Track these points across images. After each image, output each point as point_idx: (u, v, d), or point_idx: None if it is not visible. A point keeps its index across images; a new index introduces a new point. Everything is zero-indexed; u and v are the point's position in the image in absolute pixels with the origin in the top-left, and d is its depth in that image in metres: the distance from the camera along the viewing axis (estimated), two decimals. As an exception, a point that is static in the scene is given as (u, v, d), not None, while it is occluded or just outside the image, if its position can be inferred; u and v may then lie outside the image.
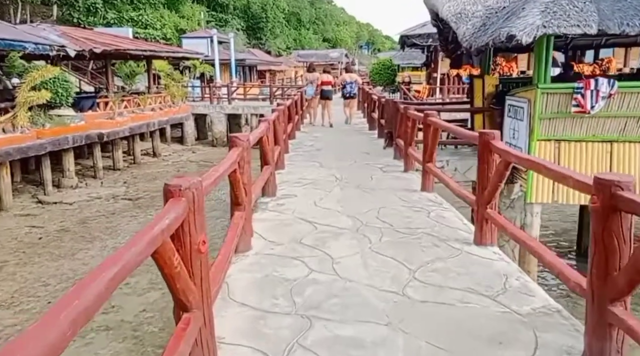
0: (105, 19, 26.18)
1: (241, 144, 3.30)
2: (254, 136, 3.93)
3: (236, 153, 3.15)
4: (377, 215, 4.33)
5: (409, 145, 5.96)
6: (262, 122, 5.01)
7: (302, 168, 6.72)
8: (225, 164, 2.80)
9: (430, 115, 4.77)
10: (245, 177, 3.35)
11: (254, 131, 4.28)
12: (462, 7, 6.49)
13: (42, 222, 11.19)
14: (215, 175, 2.42)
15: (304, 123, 12.46)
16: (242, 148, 3.28)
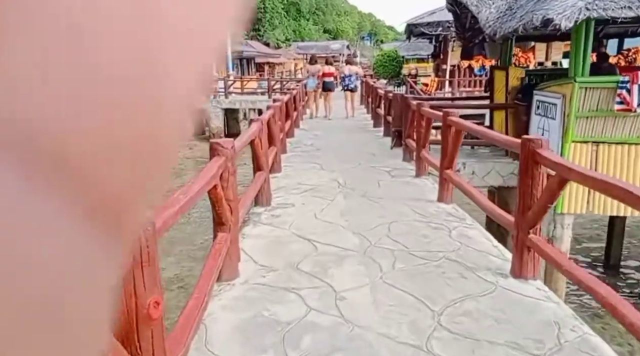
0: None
1: (224, 153, 2.71)
2: (241, 141, 3.33)
3: (217, 164, 2.56)
4: (387, 232, 3.75)
5: (422, 147, 5.35)
6: (254, 122, 4.41)
7: (300, 171, 6.13)
8: (201, 180, 2.22)
9: (450, 114, 4.16)
10: (230, 192, 2.77)
11: (243, 134, 3.69)
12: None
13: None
14: (183, 200, 1.83)
15: (304, 119, 11.85)
16: (225, 158, 2.69)
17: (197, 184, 2.12)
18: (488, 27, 5.60)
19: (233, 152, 2.80)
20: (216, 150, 2.71)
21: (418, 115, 5.41)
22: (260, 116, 4.65)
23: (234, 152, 2.82)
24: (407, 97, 6.18)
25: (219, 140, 2.75)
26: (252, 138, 3.99)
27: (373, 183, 5.35)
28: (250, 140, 4.05)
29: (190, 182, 2.16)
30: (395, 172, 5.88)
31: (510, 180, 6.36)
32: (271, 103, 6.48)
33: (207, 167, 2.47)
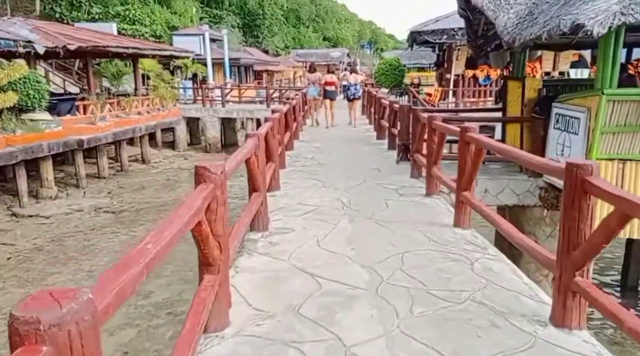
0: (90, 13, 25.28)
1: (212, 179, 2.30)
2: (234, 162, 2.92)
3: (203, 194, 2.15)
4: (400, 264, 3.33)
5: (434, 164, 4.96)
6: (249, 137, 4.02)
7: (301, 189, 5.72)
8: (180, 219, 1.80)
9: (469, 129, 3.77)
10: (219, 226, 2.35)
11: (237, 152, 3.28)
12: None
13: (13, 239, 10.25)
14: (150, 253, 1.41)
15: (304, 129, 11.49)
16: (213, 186, 2.28)
17: (174, 225, 1.70)
18: (506, 34, 5.24)
19: (223, 177, 2.39)
20: (202, 175, 2.30)
21: (429, 129, 5.02)
22: (257, 130, 4.25)
23: (224, 177, 2.41)
24: (416, 109, 5.80)
25: (206, 164, 2.34)
26: (247, 156, 3.59)
27: (380, 204, 4.94)
28: (246, 158, 3.66)
29: (167, 218, 1.75)
30: (404, 190, 5.48)
31: (527, 198, 5.97)
32: (269, 114, 6.11)
33: (189, 199, 2.06)
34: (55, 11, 23.41)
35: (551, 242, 5.90)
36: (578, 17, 4.09)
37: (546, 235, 5.83)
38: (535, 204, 5.77)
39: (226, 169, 2.47)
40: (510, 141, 6.57)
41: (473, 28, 6.90)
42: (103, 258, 8.92)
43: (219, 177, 2.33)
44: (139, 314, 7.13)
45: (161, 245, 1.48)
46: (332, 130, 11.76)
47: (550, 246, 6.00)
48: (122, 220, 11.26)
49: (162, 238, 1.51)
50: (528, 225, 5.95)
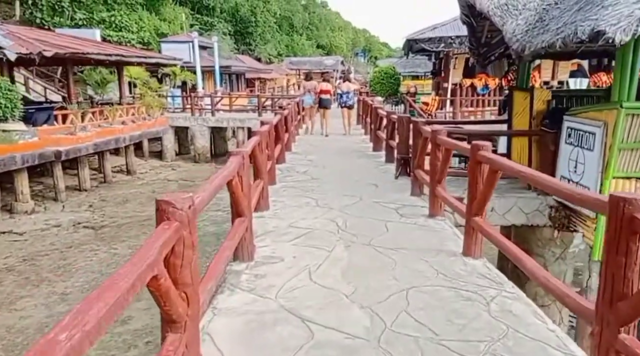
0: (73, 19, 24.82)
1: (177, 216, 1.88)
2: (209, 191, 2.50)
3: (163, 237, 1.74)
4: (405, 305, 2.91)
5: (438, 182, 4.58)
6: (232, 156, 3.62)
7: (292, 208, 5.30)
8: (121, 283, 1.37)
9: (481, 147, 3.40)
10: (185, 273, 1.93)
11: (213, 177, 2.86)
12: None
13: (-19, 259, 9.68)
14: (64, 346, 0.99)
15: (297, 140, 11.11)
16: (178, 225, 1.86)
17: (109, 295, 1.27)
18: (515, 42, 4.92)
19: (192, 213, 1.97)
20: (164, 212, 1.88)
21: (433, 145, 4.64)
22: (242, 146, 3.84)
23: (193, 213, 1.98)
24: (417, 121, 5.44)
25: (169, 197, 1.91)
26: (228, 178, 3.18)
27: (379, 227, 4.53)
28: (227, 180, 3.24)
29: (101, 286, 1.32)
30: (405, 210, 5.08)
31: (536, 217, 5.61)
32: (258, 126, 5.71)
33: (145, 244, 1.64)
34: (35, 16, 22.93)
35: (560, 264, 5.54)
36: (598, 23, 3.76)
37: (555, 256, 5.47)
38: (545, 224, 5.41)
39: (197, 202, 2.05)
40: (516, 155, 6.23)
41: (476, 35, 6.60)
42: (79, 279, 8.40)
43: (186, 214, 1.91)
44: (115, 343, 6.61)
45: (83, 332, 1.06)
46: (327, 140, 11.40)
47: (559, 268, 5.65)
48: (103, 237, 10.74)
49: (85, 321, 1.08)
50: (537, 246, 5.59)
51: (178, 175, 17.44)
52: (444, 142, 4.34)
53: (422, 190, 5.61)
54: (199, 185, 3.00)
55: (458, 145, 4.01)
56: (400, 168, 6.62)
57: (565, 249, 5.39)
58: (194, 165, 19.23)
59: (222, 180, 2.90)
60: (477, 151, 3.48)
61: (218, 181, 2.72)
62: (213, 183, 2.65)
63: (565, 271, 5.45)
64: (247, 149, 3.82)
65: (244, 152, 3.68)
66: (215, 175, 2.87)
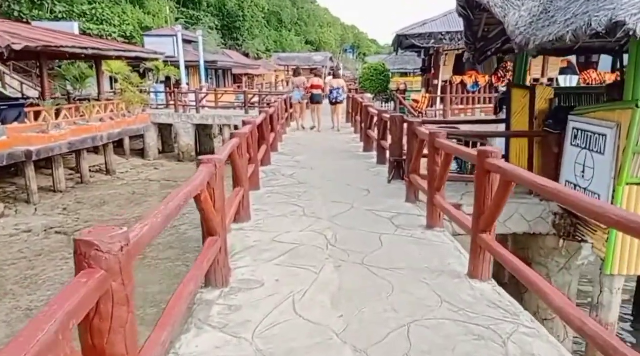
0: (53, 12, 23.82)
1: (104, 263, 1.36)
2: (155, 220, 1.94)
3: (74, 299, 1.21)
4: (408, 347, 2.44)
5: (437, 190, 4.11)
6: (202, 164, 3.09)
7: (276, 219, 4.79)
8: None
9: (491, 154, 2.94)
10: (116, 340, 1.41)
11: (170, 197, 2.33)
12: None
13: (-61, 269, 8.96)
14: None
15: (284, 140, 10.57)
16: (104, 275, 1.34)
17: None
18: (518, 35, 4.47)
19: (126, 257, 1.44)
20: (84, 257, 1.35)
21: (431, 148, 4.17)
22: (214, 155, 3.30)
23: (128, 256, 1.46)
24: (412, 122, 4.96)
25: (93, 235, 1.38)
26: (194, 193, 2.66)
27: (373, 240, 4.05)
28: (195, 195, 2.72)
29: None
30: (400, 220, 4.61)
31: (538, 225, 5.19)
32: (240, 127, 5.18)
33: (43, 314, 1.12)
34: (14, 9, 21.89)
35: (565, 275, 5.14)
36: (616, 13, 3.33)
37: (559, 267, 5.07)
38: (549, 232, 4.99)
39: (134, 241, 1.53)
40: (515, 157, 5.80)
41: (473, 29, 6.14)
42: (46, 293, 7.75)
43: (116, 258, 1.39)
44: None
45: None
46: (315, 139, 10.90)
47: (563, 279, 5.24)
48: (77, 243, 10.05)
49: None
50: (539, 256, 5.18)
51: (160, 175, 16.74)
52: (444, 146, 3.87)
53: (417, 197, 5.15)
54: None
55: (461, 150, 3.55)
56: (394, 171, 6.16)
57: (571, 259, 4.98)
58: (177, 164, 18.52)
59: (183, 197, 2.37)
60: (485, 158, 3.01)
61: (174, 205, 2.17)
62: (166, 209, 2.11)
63: (570, 282, 5.06)
64: (220, 156, 3.28)
65: (216, 160, 3.15)
66: (174, 194, 2.34)
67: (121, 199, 13.33)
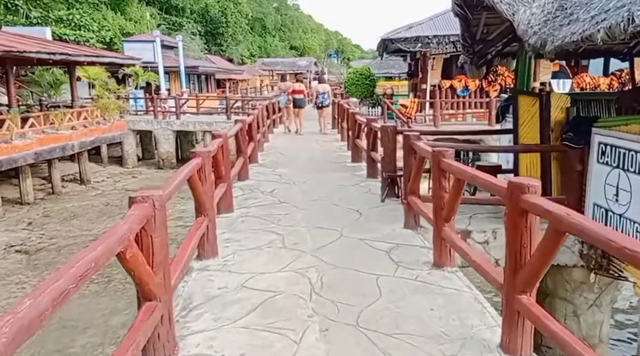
0: (28, 18, 22.47)
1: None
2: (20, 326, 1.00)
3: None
4: None
5: (446, 221, 3.24)
6: (136, 204, 2.18)
7: (249, 253, 3.86)
8: None
9: (529, 189, 2.07)
10: None
11: (75, 259, 1.39)
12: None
13: None
14: None
15: (265, 149, 9.62)
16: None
17: None
18: (532, 35, 3.65)
19: None
20: None
21: (437, 170, 3.29)
22: (151, 190, 2.34)
23: None
24: (409, 135, 4.08)
25: None
26: (116, 250, 1.72)
27: (368, 286, 3.15)
28: (119, 252, 1.79)
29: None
30: (400, 254, 3.72)
31: (563, 255, 4.34)
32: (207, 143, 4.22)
33: None
34: (-13, 15, 20.46)
35: (595, 313, 4.30)
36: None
37: (589, 303, 4.24)
38: (575, 264, 4.17)
39: None
40: (525, 174, 4.97)
41: (471, 30, 5.32)
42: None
43: None
44: None
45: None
46: (299, 148, 9.99)
47: (593, 318, 4.39)
48: (36, 264, 8.91)
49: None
50: (564, 291, 4.34)
51: (138, 184, 15.54)
52: (454, 171, 2.99)
53: (418, 222, 4.27)
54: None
55: (479, 177, 2.66)
56: (387, 189, 5.28)
57: (602, 294, 4.17)
58: (157, 171, 17.35)
59: (83, 269, 1.43)
60: (520, 194, 2.13)
61: (80, 269, 1.23)
62: (54, 287, 1.16)
63: (602, 322, 4.24)
64: (161, 192, 2.33)
65: (155, 198, 2.21)
66: (76, 258, 1.40)
67: (93, 212, 12.16)
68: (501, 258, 4.30)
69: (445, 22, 13.11)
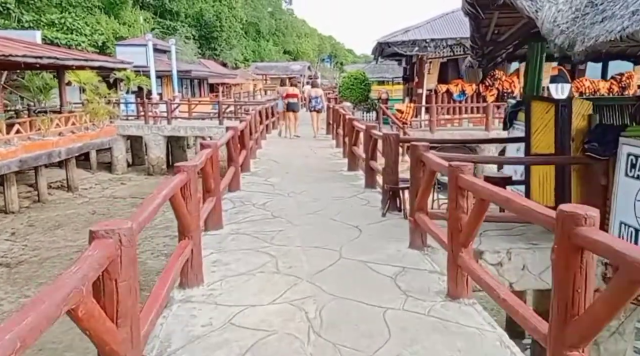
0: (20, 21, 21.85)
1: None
2: None
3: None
4: None
5: (463, 246, 2.78)
6: (97, 239, 1.71)
7: (239, 279, 3.38)
8: None
9: (587, 220, 1.63)
10: None
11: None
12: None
13: None
14: None
15: (257, 156, 9.14)
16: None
17: None
18: (559, 34, 3.24)
19: None
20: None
21: (453, 187, 2.84)
22: (117, 222, 1.86)
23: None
24: (418, 146, 3.64)
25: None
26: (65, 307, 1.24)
27: (375, 322, 2.69)
28: (68, 309, 1.31)
29: None
30: (408, 281, 3.26)
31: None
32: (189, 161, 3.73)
33: None
34: (-22, 19, 19.81)
35: (618, 341, 3.87)
36: None
37: (610, 331, 3.81)
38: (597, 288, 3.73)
39: None
40: (537, 186, 4.55)
41: (481, 31, 4.90)
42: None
43: None
44: None
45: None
46: (293, 154, 9.53)
47: (615, 347, 3.98)
48: (16, 278, 8.31)
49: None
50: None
51: (127, 191, 14.96)
52: (477, 190, 2.54)
53: (425, 241, 3.82)
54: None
55: (517, 202, 2.20)
56: (389, 202, 4.83)
57: (625, 321, 3.75)
58: (147, 178, 16.74)
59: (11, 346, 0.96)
60: (575, 226, 1.69)
61: None
62: None
63: (625, 351, 3.82)
64: (129, 224, 1.84)
65: (122, 232, 1.74)
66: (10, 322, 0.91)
67: (78, 221, 11.55)
68: (516, 282, 3.87)
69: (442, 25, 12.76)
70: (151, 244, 9.51)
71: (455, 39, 11.82)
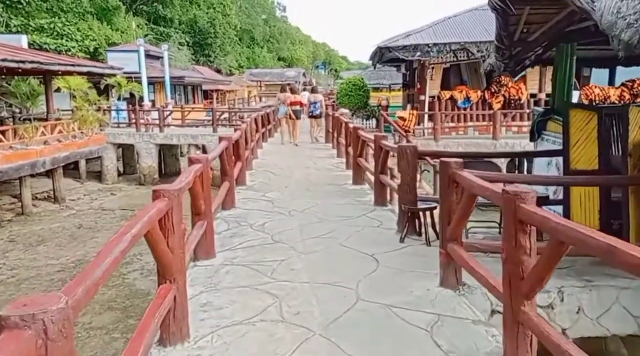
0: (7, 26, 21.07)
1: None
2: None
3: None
4: None
5: (528, 298, 2.10)
6: (7, 329, 0.95)
7: (234, 328, 2.68)
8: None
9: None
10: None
11: None
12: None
13: None
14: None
15: (253, 167, 8.43)
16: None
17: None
18: (625, 28, 2.60)
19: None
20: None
21: (512, 221, 2.17)
22: (44, 298, 1.17)
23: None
24: (450, 163, 2.97)
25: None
26: None
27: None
28: None
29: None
30: (447, 335, 2.56)
31: None
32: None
33: None
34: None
35: None
36: None
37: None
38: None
39: None
40: (578, 207, 3.90)
41: (509, 29, 4.26)
42: None
43: None
44: None
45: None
46: (292, 164, 8.84)
47: None
48: (-10, 301, 7.49)
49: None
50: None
51: (116, 203, 14.14)
52: (556, 230, 1.85)
53: (459, 278, 3.14)
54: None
55: (625, 251, 1.53)
56: (407, 225, 4.14)
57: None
58: (138, 187, 15.91)
59: None
60: None
61: None
62: None
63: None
64: (62, 304, 1.12)
65: (46, 317, 1.02)
66: None
67: (63, 236, 10.72)
68: (569, 328, 3.19)
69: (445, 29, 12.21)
70: (140, 262, 8.72)
71: (459, 44, 11.26)
